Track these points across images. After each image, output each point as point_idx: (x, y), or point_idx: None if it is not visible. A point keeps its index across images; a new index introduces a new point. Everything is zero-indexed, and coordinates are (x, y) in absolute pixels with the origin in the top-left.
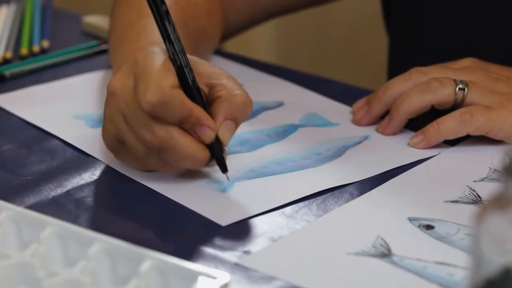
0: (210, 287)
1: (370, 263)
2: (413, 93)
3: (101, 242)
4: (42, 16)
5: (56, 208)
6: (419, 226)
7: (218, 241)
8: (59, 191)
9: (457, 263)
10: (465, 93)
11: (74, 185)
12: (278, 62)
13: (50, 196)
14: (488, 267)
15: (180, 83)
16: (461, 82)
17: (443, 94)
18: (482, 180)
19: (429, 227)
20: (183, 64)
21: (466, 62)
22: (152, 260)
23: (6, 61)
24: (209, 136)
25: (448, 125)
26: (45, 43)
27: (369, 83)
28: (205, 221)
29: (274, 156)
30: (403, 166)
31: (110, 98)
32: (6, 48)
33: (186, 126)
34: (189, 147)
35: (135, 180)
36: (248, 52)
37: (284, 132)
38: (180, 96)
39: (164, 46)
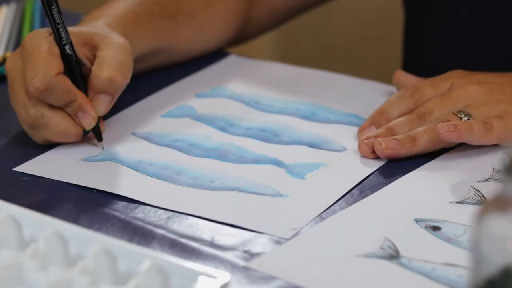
0: (210, 286)
1: (379, 265)
2: (430, 131)
3: (101, 242)
4: (42, 16)
5: (56, 208)
6: (425, 227)
7: (218, 241)
8: (59, 191)
9: (465, 265)
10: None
11: (73, 185)
12: (278, 62)
13: (50, 196)
14: (488, 267)
15: (64, 64)
16: (464, 113)
17: None
18: (486, 180)
19: (435, 228)
20: (65, 42)
21: (456, 79)
22: (152, 260)
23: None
24: (89, 124)
25: (478, 130)
26: None
27: None
28: (205, 220)
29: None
30: (406, 168)
31: (8, 78)
32: (6, 48)
33: (69, 110)
34: (61, 124)
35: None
36: (248, 52)
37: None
38: (65, 82)
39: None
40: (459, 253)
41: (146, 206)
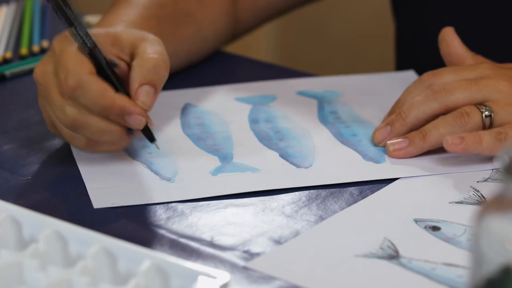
0: (210, 286)
1: (379, 265)
2: (442, 126)
3: (101, 242)
4: (42, 16)
5: (56, 208)
6: (425, 227)
7: (217, 241)
8: (59, 191)
9: (465, 264)
10: (492, 119)
11: (74, 185)
12: (278, 61)
13: (50, 196)
14: (488, 267)
15: (96, 67)
16: (486, 108)
17: (472, 125)
18: (486, 180)
19: (435, 229)
20: (91, 46)
21: (485, 69)
22: (152, 260)
23: (6, 61)
24: (139, 122)
25: (488, 141)
26: (45, 43)
27: None
28: (204, 220)
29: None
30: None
31: (37, 86)
32: (6, 48)
33: (114, 117)
34: (101, 122)
35: None
36: (248, 52)
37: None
38: (98, 82)
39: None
40: (459, 253)
41: (146, 206)
